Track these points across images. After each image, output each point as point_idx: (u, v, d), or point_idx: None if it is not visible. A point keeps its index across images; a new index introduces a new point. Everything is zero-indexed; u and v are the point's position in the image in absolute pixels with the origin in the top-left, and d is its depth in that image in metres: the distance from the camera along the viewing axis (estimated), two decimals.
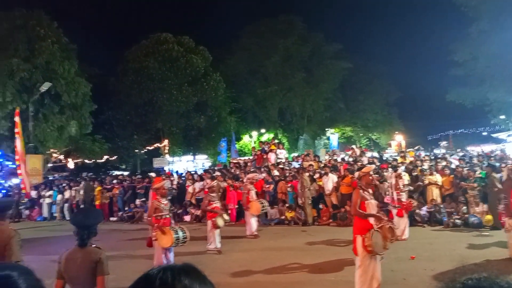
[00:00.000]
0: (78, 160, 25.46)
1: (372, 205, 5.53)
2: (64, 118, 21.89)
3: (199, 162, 29.53)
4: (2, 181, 10.07)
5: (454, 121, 37.92)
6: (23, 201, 16.60)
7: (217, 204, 9.40)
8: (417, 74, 39.08)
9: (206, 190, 9.86)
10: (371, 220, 5.42)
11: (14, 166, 18.07)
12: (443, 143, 30.58)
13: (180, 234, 6.71)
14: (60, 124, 21.68)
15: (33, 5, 22.05)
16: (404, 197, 10.14)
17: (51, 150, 22.41)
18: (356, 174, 6.15)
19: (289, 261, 7.89)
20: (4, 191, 10.15)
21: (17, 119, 14.55)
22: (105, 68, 29.14)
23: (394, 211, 9.81)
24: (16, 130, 14.74)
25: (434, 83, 34.93)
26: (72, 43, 23.31)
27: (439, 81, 33.73)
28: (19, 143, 14.48)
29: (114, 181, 18.47)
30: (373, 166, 8.64)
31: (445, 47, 29.60)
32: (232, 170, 17.12)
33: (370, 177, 5.87)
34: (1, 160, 10.26)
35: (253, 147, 21.41)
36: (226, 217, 9.33)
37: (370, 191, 5.79)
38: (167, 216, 6.98)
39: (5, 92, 19.58)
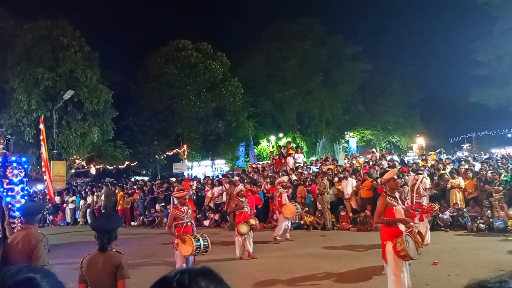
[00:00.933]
0: (100, 166, 25.99)
1: (400, 211, 5.25)
2: (87, 125, 22.37)
3: (218, 167, 29.72)
4: (27, 187, 10.37)
5: (477, 123, 36.99)
6: (47, 207, 17.04)
7: (245, 209, 9.29)
8: (439, 74, 38.45)
9: (235, 195, 9.78)
10: (401, 226, 5.16)
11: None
12: (466, 146, 29.84)
13: (201, 242, 6.60)
14: (82, 130, 22.16)
15: (57, 15, 22.75)
16: (425, 201, 9.93)
17: (74, 156, 22.94)
18: (379, 180, 5.97)
19: (313, 268, 7.66)
20: (26, 197, 10.43)
21: (41, 126, 14.95)
22: (126, 75, 29.82)
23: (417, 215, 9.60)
24: (41, 137, 15.15)
25: (457, 83, 34.24)
26: (94, 51, 23.85)
27: (461, 81, 33.08)
28: (44, 150, 14.90)
29: (135, 187, 18.79)
30: (396, 169, 8.15)
31: (467, 47, 29.05)
32: (250, 175, 17.15)
33: (395, 181, 5.55)
34: (27, 166, 10.55)
35: (271, 152, 21.42)
36: (253, 221, 9.21)
37: (397, 195, 5.49)
38: (188, 223, 6.83)
39: (30, 100, 20.20)
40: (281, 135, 35.40)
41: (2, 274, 1.20)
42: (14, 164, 9.92)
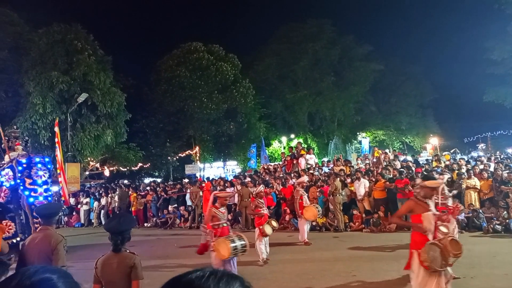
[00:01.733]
0: (113, 168, 26.29)
1: (429, 217, 4.86)
2: (100, 127, 22.65)
3: (230, 168, 29.79)
4: (51, 188, 10.40)
5: (492, 122, 36.31)
6: (63, 208, 17.31)
7: (264, 211, 9.05)
8: (452, 74, 37.81)
9: (253, 196, 9.55)
10: (429, 235, 4.84)
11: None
12: (481, 146, 29.35)
13: (238, 243, 6.20)
14: (96, 133, 22.44)
15: (70, 20, 23.11)
16: (450, 201, 9.68)
17: (88, 158, 23.25)
18: (418, 181, 5.29)
19: (336, 274, 7.33)
20: (50, 198, 10.56)
21: (56, 129, 15.16)
22: (138, 78, 30.08)
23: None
24: (56, 139, 15.39)
25: (470, 83, 33.67)
26: (107, 55, 24.16)
27: (475, 80, 32.54)
28: (58, 152, 15.12)
29: (148, 188, 18.97)
30: (442, 182, 7.50)
31: (481, 45, 28.61)
32: (262, 176, 17.15)
33: (432, 191, 5.10)
34: (50, 166, 10.64)
35: (283, 153, 21.39)
36: (274, 223, 8.99)
37: (430, 202, 5.07)
38: (225, 224, 6.54)
39: (45, 103, 20.55)
40: (292, 136, 35.32)
41: (20, 274, 1.24)
42: (39, 165, 9.98)
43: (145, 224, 17.34)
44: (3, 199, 9.69)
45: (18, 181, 9.75)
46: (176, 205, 16.77)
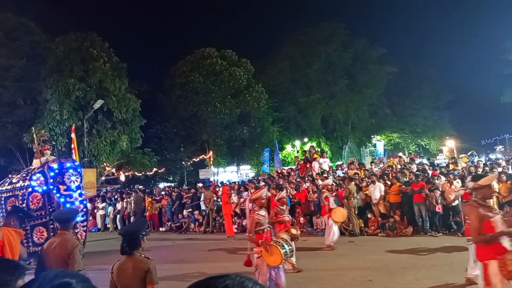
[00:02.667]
0: (129, 173, 26.59)
1: (498, 222, 4.25)
2: (116, 133, 22.96)
3: (243, 173, 29.83)
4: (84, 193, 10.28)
5: (510, 124, 35.50)
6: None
7: (286, 218, 8.56)
8: (468, 75, 37.16)
9: (276, 201, 9.03)
10: (505, 242, 4.15)
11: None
12: (499, 148, 28.72)
13: (287, 248, 5.81)
14: (112, 139, 22.75)
15: (86, 28, 23.59)
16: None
17: (104, 164, 23.57)
18: (470, 184, 4.47)
19: (352, 279, 7.19)
20: (85, 201, 10.57)
21: (73, 135, 15.45)
22: (153, 84, 30.47)
23: None
24: (72, 145, 15.65)
25: (487, 84, 33.09)
26: (122, 62, 24.52)
27: (492, 81, 32.01)
28: (75, 158, 15.37)
29: (163, 193, 19.14)
30: (495, 175, 6.68)
31: (498, 46, 28.16)
32: (275, 180, 17.11)
33: (490, 190, 4.52)
34: (80, 170, 10.57)
35: (296, 157, 21.33)
36: (294, 231, 8.03)
37: (491, 202, 4.52)
38: (268, 229, 6.00)
39: (62, 110, 20.95)
40: (306, 139, 35.19)
41: (40, 279, 1.27)
42: (71, 171, 9.87)
43: (160, 229, 17.48)
44: (35, 205, 9.56)
45: (51, 187, 9.61)
46: (190, 209, 16.87)
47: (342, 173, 16.24)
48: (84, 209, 9.98)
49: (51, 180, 9.62)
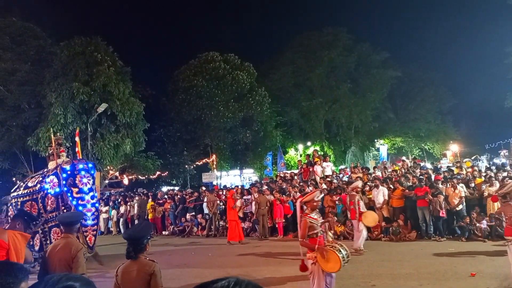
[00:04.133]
0: (132, 177, 26.63)
1: None
2: (120, 136, 23.01)
3: (246, 176, 29.82)
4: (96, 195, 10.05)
5: None
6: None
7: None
8: (472, 79, 37.17)
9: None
10: None
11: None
12: (504, 152, 28.55)
13: (343, 252, 5.45)
14: (116, 142, 22.80)
15: (91, 32, 23.73)
16: None
17: (108, 167, 23.62)
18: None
19: (355, 284, 7.05)
20: (97, 204, 10.48)
21: (77, 138, 15.46)
22: (157, 88, 30.57)
23: None
24: (76, 149, 15.70)
25: (491, 88, 33.06)
26: (126, 66, 24.63)
27: (496, 86, 31.93)
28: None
29: (166, 196, 19.14)
30: None
31: (502, 50, 28.09)
32: (278, 184, 17.10)
33: None
34: (93, 172, 10.42)
35: (299, 161, 21.31)
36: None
37: None
38: (321, 233, 5.65)
39: (67, 114, 21.04)
40: (309, 143, 35.17)
41: (44, 282, 1.28)
42: (83, 172, 9.66)
43: (163, 232, 17.48)
44: (51, 207, 9.56)
45: (65, 189, 9.45)
46: (193, 213, 16.87)
47: (346, 177, 16.21)
48: (96, 213, 9.80)
49: (64, 182, 9.48)
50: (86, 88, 21.43)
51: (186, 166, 30.03)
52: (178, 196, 18.21)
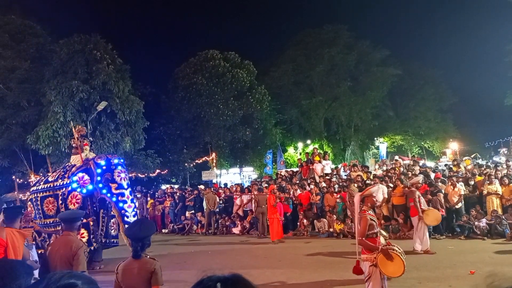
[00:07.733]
0: (132, 175, 26.62)
1: None
2: (119, 134, 23.00)
3: (246, 174, 29.84)
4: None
5: None
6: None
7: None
8: (473, 77, 37.05)
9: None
10: None
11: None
12: (503, 150, 28.56)
13: (403, 255, 5.07)
14: (115, 140, 22.79)
15: (90, 30, 23.67)
16: None
17: None
18: None
19: (356, 283, 6.85)
20: (134, 200, 9.98)
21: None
22: (156, 86, 30.52)
23: None
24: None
25: (491, 86, 32.95)
26: (125, 64, 24.57)
27: (496, 84, 31.88)
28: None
29: (165, 195, 19.15)
30: None
31: (502, 48, 28.09)
32: (278, 182, 17.08)
33: None
34: (126, 168, 9.68)
35: (299, 159, 21.31)
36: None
37: None
38: (378, 233, 5.25)
39: (66, 112, 21.01)
40: (308, 142, 35.17)
41: (46, 280, 1.28)
42: (119, 167, 9.12)
43: (163, 230, 17.49)
44: (74, 206, 8.90)
45: (100, 185, 8.92)
46: (193, 211, 16.88)
47: (345, 175, 16.22)
48: (136, 209, 9.39)
49: (99, 178, 8.94)
50: (85, 86, 21.40)
51: (186, 164, 30.02)
52: (178, 194, 18.22)
